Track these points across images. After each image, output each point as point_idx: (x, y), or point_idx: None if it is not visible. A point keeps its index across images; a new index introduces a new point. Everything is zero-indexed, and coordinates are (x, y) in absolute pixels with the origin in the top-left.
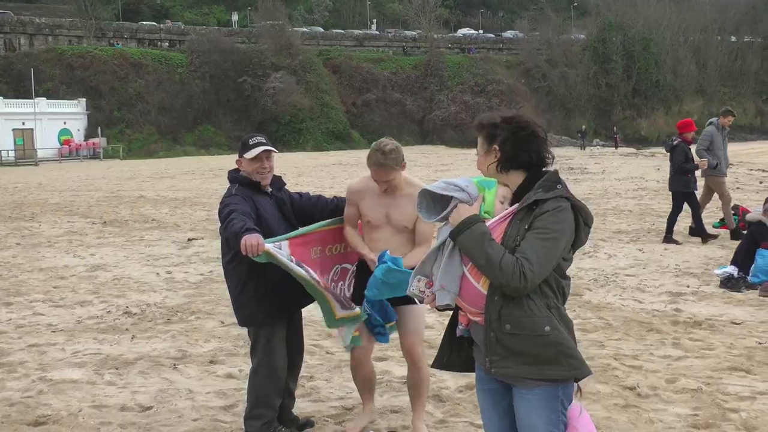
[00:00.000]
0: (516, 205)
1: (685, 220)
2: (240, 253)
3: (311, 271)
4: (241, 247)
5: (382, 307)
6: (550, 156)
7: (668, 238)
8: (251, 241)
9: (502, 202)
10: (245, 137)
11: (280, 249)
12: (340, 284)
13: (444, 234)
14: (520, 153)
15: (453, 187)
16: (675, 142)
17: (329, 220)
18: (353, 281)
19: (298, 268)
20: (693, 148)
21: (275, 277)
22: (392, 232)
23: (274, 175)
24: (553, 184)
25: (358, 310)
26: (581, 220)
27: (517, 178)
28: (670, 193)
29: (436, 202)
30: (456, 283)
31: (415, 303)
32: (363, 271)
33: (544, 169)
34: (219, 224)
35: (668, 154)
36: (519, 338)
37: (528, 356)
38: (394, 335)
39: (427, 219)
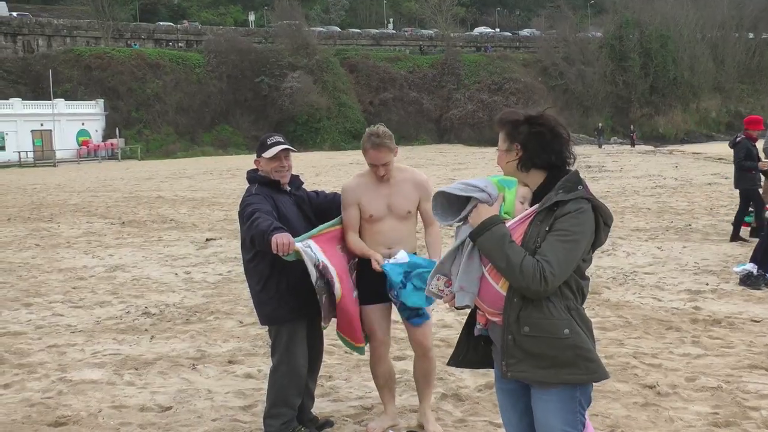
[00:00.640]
0: (536, 206)
1: (704, 218)
2: (261, 251)
3: (332, 271)
4: (272, 245)
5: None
6: (571, 157)
7: (735, 236)
8: (282, 240)
9: (522, 203)
10: (263, 137)
11: (309, 247)
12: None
13: (463, 234)
14: (542, 153)
15: (472, 187)
16: (738, 139)
17: (337, 221)
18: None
19: (314, 271)
20: (759, 144)
21: (297, 273)
22: (395, 222)
23: (292, 175)
24: (574, 185)
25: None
26: (601, 220)
27: (537, 177)
28: (737, 190)
29: (451, 204)
30: (475, 284)
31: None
32: (364, 268)
33: (567, 168)
34: (237, 224)
35: (731, 150)
36: (537, 341)
37: (545, 359)
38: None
39: (442, 222)
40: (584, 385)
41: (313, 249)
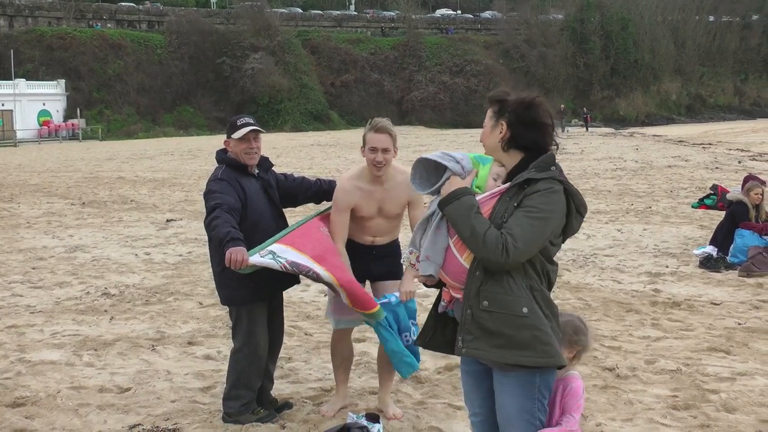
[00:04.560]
0: (507, 183)
1: (664, 200)
2: None
3: (304, 261)
4: (225, 259)
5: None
6: (554, 144)
7: None
8: (236, 256)
9: (495, 180)
10: (233, 118)
11: (270, 253)
12: None
13: (434, 205)
14: (525, 134)
15: (449, 157)
16: None
17: (316, 213)
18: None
19: (291, 265)
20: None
21: None
22: (382, 221)
23: (262, 156)
24: (547, 166)
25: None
26: (573, 207)
27: (515, 158)
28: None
29: (430, 175)
30: (440, 255)
31: (391, 279)
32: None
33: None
34: (198, 205)
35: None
36: (495, 317)
37: (502, 337)
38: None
39: (419, 191)
40: (544, 371)
41: (276, 254)
